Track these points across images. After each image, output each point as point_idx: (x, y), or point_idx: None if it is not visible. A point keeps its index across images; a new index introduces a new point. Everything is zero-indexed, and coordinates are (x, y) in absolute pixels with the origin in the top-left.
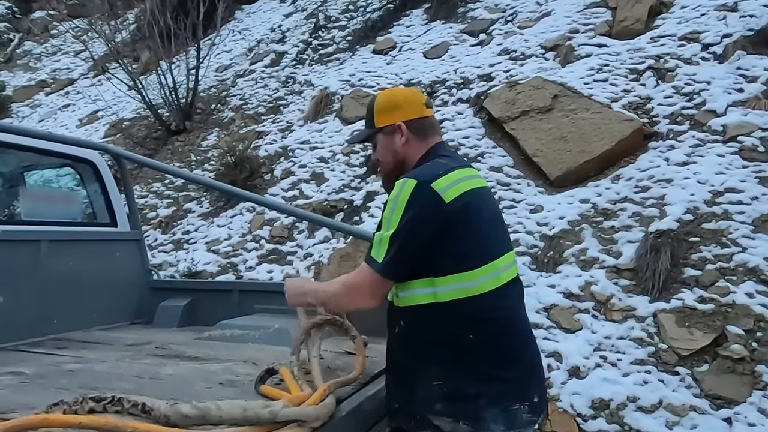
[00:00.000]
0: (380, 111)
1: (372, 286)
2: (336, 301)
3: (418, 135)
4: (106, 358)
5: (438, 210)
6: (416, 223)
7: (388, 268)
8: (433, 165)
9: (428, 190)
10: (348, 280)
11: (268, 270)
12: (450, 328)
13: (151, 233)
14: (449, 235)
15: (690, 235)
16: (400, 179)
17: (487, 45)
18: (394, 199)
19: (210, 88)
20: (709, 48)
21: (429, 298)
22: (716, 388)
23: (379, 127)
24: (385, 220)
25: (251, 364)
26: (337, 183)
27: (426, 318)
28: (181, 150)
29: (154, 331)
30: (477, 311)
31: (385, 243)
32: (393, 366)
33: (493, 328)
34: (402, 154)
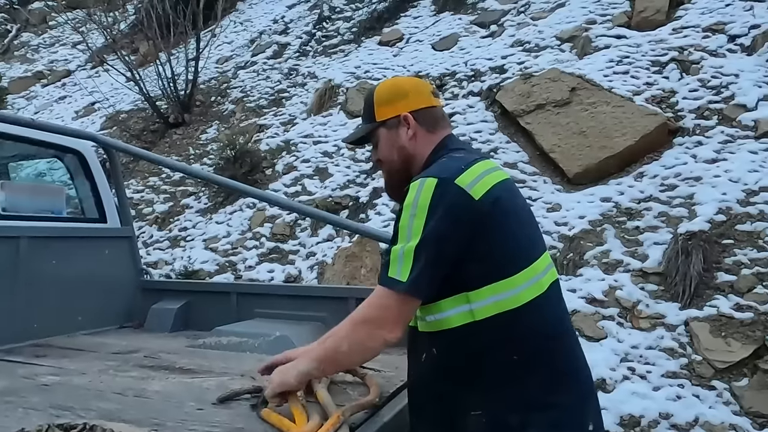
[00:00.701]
0: (382, 102)
1: (397, 312)
2: (350, 345)
3: (427, 127)
4: (88, 369)
5: (468, 209)
6: (445, 228)
7: (416, 286)
8: (450, 160)
9: (453, 188)
10: (361, 314)
11: (269, 269)
12: (490, 349)
13: (146, 229)
14: (483, 237)
15: (723, 237)
16: (415, 180)
17: (498, 37)
18: (413, 203)
19: (210, 80)
20: (735, 39)
21: (464, 319)
22: (758, 405)
23: (381, 121)
24: (402, 230)
25: (249, 378)
26: (341, 179)
27: (462, 342)
28: (179, 143)
29: (144, 336)
30: (520, 326)
31: (409, 257)
32: (420, 393)
33: (539, 344)
34: (409, 150)
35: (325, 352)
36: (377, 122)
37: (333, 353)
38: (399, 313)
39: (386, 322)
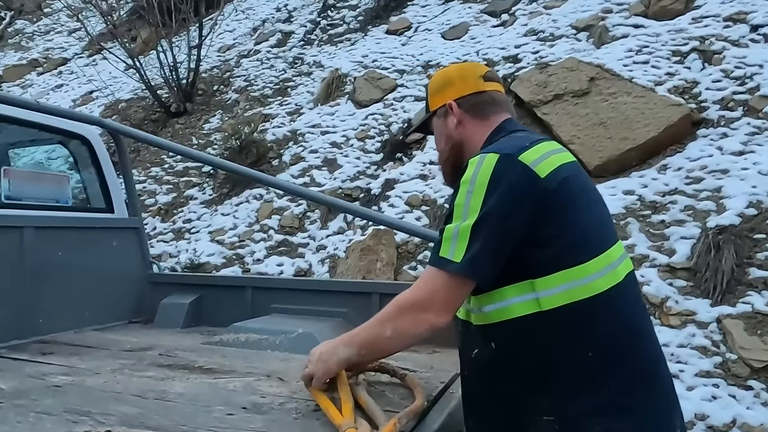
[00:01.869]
0: (433, 92)
1: (447, 295)
2: (394, 330)
3: (474, 114)
4: (101, 368)
5: (533, 187)
6: (506, 206)
7: (472, 267)
8: (510, 139)
9: (517, 164)
10: (407, 297)
11: (278, 263)
12: (561, 344)
13: (149, 221)
14: (550, 219)
15: (754, 232)
16: (474, 156)
17: (510, 26)
18: (471, 179)
19: (212, 68)
20: (758, 29)
21: (529, 308)
22: None
23: (433, 111)
24: (458, 208)
25: (277, 379)
26: (351, 170)
27: (527, 335)
28: (181, 133)
29: (155, 332)
30: (595, 319)
31: (465, 235)
32: (479, 395)
33: (617, 340)
34: (456, 138)
35: (367, 337)
36: (430, 112)
37: (376, 338)
38: (449, 296)
39: (434, 305)
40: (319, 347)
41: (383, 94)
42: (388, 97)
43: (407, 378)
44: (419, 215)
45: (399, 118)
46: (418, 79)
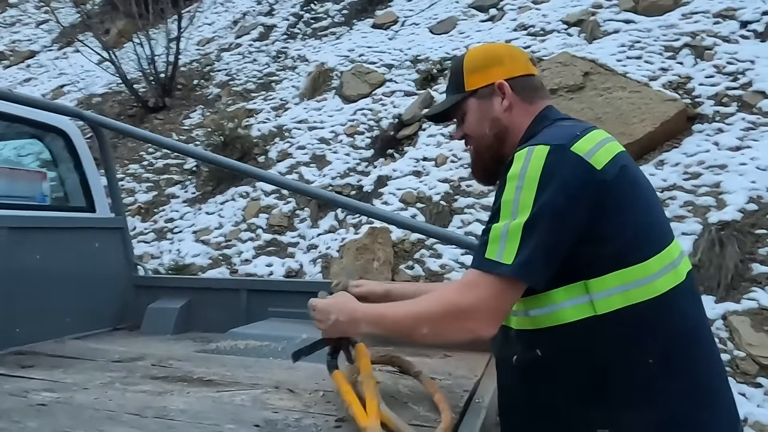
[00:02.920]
0: (474, 69)
1: (497, 302)
2: (432, 331)
3: (524, 97)
4: (89, 382)
5: (589, 181)
6: (561, 201)
7: (526, 269)
8: (559, 128)
9: (570, 156)
10: (452, 300)
11: (267, 263)
12: (618, 351)
13: (129, 220)
14: (607, 215)
15: (755, 227)
16: (521, 149)
17: (499, 20)
18: (519, 173)
19: (191, 62)
20: (747, 25)
21: (583, 312)
22: None
23: (472, 90)
24: (506, 205)
25: (287, 391)
26: (341, 166)
27: (579, 342)
28: (160, 129)
29: (144, 340)
30: (656, 323)
31: (516, 235)
32: (522, 408)
33: (679, 346)
34: (504, 122)
35: (397, 326)
36: (466, 92)
37: (408, 332)
38: (499, 303)
39: (482, 314)
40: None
41: (371, 88)
42: (376, 92)
43: (425, 382)
44: (415, 212)
45: (389, 113)
46: (407, 73)
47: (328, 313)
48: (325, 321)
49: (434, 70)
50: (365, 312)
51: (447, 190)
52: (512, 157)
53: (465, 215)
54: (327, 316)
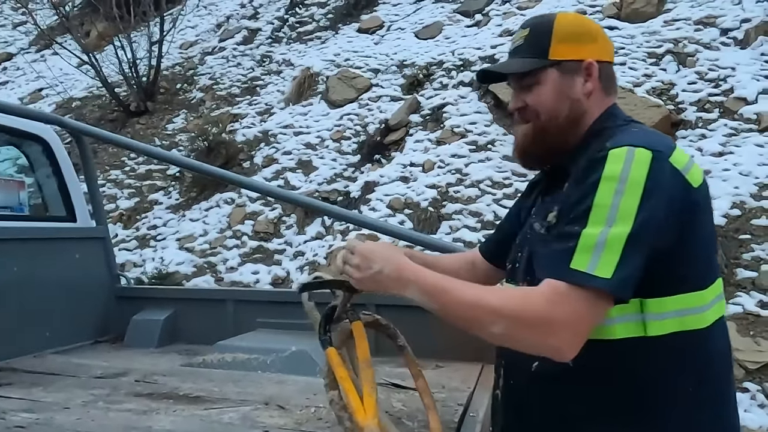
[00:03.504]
0: (565, 38)
1: (589, 318)
2: (505, 333)
3: (604, 86)
4: (70, 401)
5: (687, 199)
6: (662, 217)
7: (624, 286)
8: (644, 131)
9: (670, 168)
10: (542, 303)
11: (253, 271)
12: (661, 376)
13: (110, 228)
14: (690, 236)
15: (739, 233)
16: (616, 147)
17: (484, 26)
18: (620, 176)
19: (174, 65)
20: (728, 33)
21: (631, 331)
22: None
23: (556, 60)
24: (600, 209)
25: (276, 407)
26: (327, 172)
27: (620, 360)
28: (142, 133)
29: (127, 353)
30: (700, 352)
31: (617, 246)
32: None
33: (719, 378)
34: (584, 107)
35: (462, 310)
36: (549, 60)
37: (474, 321)
38: (591, 322)
39: (571, 331)
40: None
41: (358, 93)
42: (363, 97)
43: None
44: (402, 219)
45: (375, 118)
46: (393, 78)
47: (371, 261)
48: (365, 270)
49: (420, 75)
50: (418, 275)
51: (435, 196)
52: (601, 153)
53: (453, 221)
54: (369, 263)
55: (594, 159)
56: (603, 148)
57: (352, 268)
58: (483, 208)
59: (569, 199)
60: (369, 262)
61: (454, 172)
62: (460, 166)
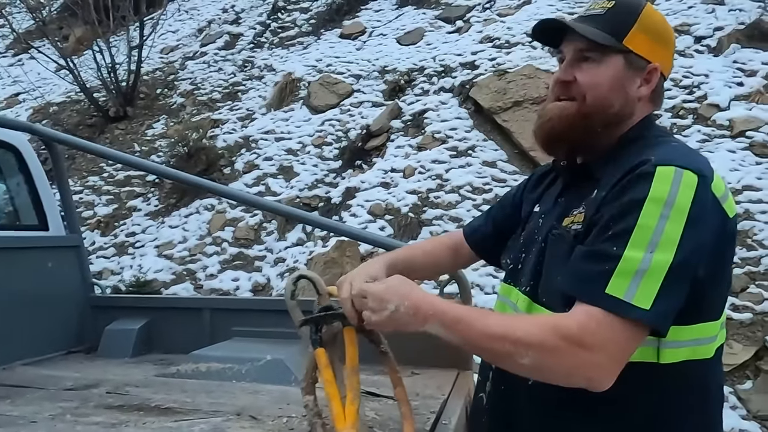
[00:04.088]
0: (647, 29)
1: (626, 348)
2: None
3: (654, 97)
4: (37, 414)
5: (723, 229)
6: (704, 247)
7: (665, 319)
8: (686, 150)
9: (713, 198)
10: (574, 328)
11: (233, 278)
12: (666, 403)
13: (87, 235)
14: (720, 267)
15: None
16: (666, 167)
17: (465, 32)
18: (667, 199)
19: (155, 70)
20: (701, 41)
21: (644, 356)
22: (765, 408)
23: (630, 49)
24: (643, 231)
25: (249, 418)
26: (309, 178)
27: (626, 384)
28: (122, 139)
29: (100, 364)
30: (705, 382)
31: (658, 276)
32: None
33: (717, 405)
34: (633, 109)
35: (486, 343)
36: (623, 46)
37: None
38: (626, 353)
39: (608, 360)
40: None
41: (339, 99)
42: (344, 103)
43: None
44: (383, 224)
45: (356, 124)
46: (374, 84)
47: (385, 301)
48: (381, 311)
49: (402, 80)
50: (437, 309)
51: (415, 202)
52: (646, 167)
53: (433, 227)
54: (384, 304)
55: (639, 173)
56: (646, 162)
57: (368, 313)
58: (463, 214)
59: (604, 211)
60: (383, 303)
61: (435, 177)
62: (441, 172)
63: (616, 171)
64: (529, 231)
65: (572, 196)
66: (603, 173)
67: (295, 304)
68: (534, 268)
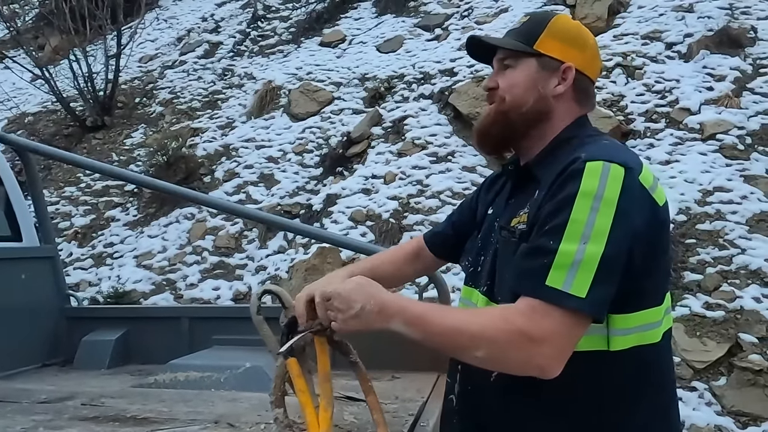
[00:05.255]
0: (555, 35)
1: (569, 337)
2: (491, 354)
3: (578, 97)
4: (9, 428)
5: (653, 218)
6: (634, 237)
7: (599, 307)
8: (615, 145)
9: (641, 188)
10: (522, 321)
11: (214, 287)
12: (620, 388)
13: (64, 246)
14: (656, 253)
15: (686, 237)
16: (593, 161)
17: (444, 40)
18: (596, 193)
19: (133, 79)
20: (672, 47)
21: (595, 344)
22: (739, 404)
23: (539, 52)
24: (576, 225)
25: (226, 426)
26: (290, 185)
27: (580, 372)
28: (99, 149)
29: (76, 376)
30: (656, 365)
31: (592, 266)
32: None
33: (670, 387)
34: (548, 107)
35: (445, 338)
36: (533, 50)
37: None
38: (571, 340)
39: (554, 348)
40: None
41: (320, 106)
42: (325, 110)
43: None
44: (364, 231)
45: (337, 131)
46: (355, 91)
47: (352, 301)
48: (346, 311)
49: (382, 88)
50: (400, 306)
51: (396, 208)
52: (577, 165)
53: (414, 232)
54: (350, 304)
55: (571, 171)
56: (576, 159)
57: (334, 313)
58: (443, 219)
59: (542, 208)
60: (349, 302)
61: (415, 183)
62: (421, 178)
63: (553, 171)
64: (485, 233)
65: (520, 197)
66: (543, 174)
67: (262, 320)
68: (490, 269)
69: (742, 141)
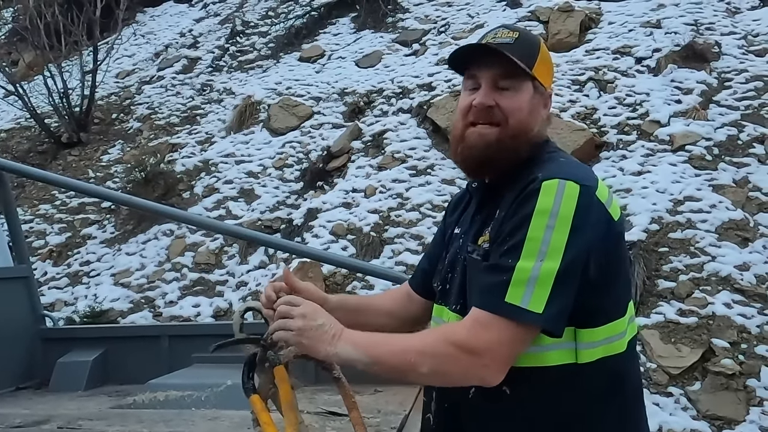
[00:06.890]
0: (544, 60)
1: (512, 348)
2: (434, 370)
3: (548, 121)
4: None
5: (609, 232)
6: (588, 250)
7: (555, 321)
8: (571, 163)
9: (596, 203)
10: (462, 339)
11: (194, 304)
12: (591, 398)
13: (38, 266)
14: (614, 266)
15: (659, 246)
16: (548, 180)
17: (422, 55)
18: (552, 210)
19: (110, 95)
20: (642, 61)
21: (564, 358)
22: (713, 408)
23: (535, 77)
24: (532, 242)
25: None
26: (270, 200)
27: (552, 387)
28: (75, 165)
29: (51, 399)
30: (623, 375)
31: (547, 282)
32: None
33: (637, 394)
34: (536, 128)
35: (390, 360)
36: (533, 74)
37: (404, 366)
38: (514, 351)
39: (494, 358)
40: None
41: (300, 121)
42: (305, 125)
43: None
44: (345, 245)
45: (317, 145)
46: (334, 106)
47: (317, 314)
48: (311, 320)
49: (361, 102)
50: (351, 332)
51: (377, 221)
52: (534, 185)
53: (395, 245)
54: (315, 316)
55: (528, 191)
56: (534, 179)
57: (296, 317)
58: (424, 231)
59: (503, 228)
60: (315, 314)
61: (396, 196)
62: (401, 191)
63: (515, 189)
64: (453, 252)
65: (485, 214)
66: (506, 192)
67: (245, 337)
68: (460, 287)
69: (710, 152)
